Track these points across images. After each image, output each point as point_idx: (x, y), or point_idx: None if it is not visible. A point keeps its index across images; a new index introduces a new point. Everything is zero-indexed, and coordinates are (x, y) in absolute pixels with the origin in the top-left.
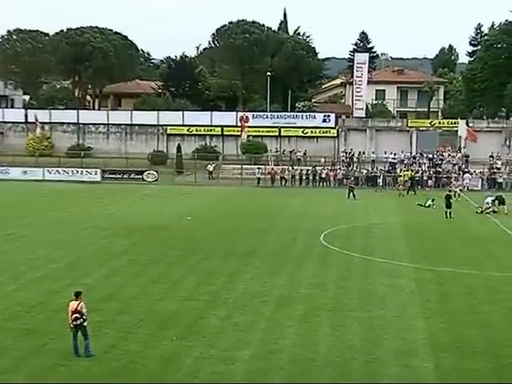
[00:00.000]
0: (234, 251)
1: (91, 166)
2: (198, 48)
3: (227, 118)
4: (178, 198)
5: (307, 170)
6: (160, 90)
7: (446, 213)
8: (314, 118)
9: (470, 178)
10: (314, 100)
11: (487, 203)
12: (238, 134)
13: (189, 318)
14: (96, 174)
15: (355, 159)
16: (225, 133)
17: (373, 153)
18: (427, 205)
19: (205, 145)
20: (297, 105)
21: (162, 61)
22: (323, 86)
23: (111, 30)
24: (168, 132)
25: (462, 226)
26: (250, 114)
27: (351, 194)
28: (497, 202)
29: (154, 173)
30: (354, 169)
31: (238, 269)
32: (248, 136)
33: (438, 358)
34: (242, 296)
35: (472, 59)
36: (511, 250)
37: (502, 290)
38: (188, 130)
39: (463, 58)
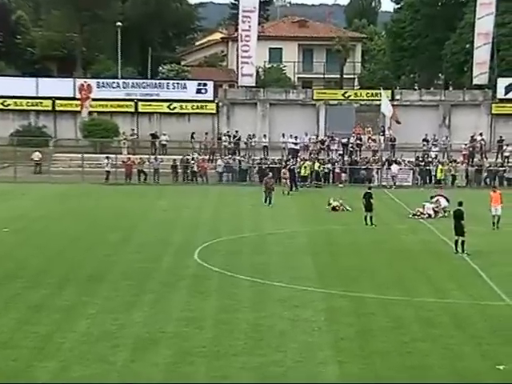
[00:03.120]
0: (73, 276)
1: None
2: None
3: (61, 86)
4: None
5: (175, 161)
6: None
7: (365, 218)
8: (185, 87)
9: (397, 171)
10: (184, 62)
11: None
12: (77, 109)
13: (5, 373)
14: None
15: (243, 145)
16: (57, 108)
17: (264, 136)
18: (334, 206)
19: (28, 125)
20: (160, 69)
21: None
22: (197, 43)
23: None
24: None
25: (387, 236)
26: (93, 82)
27: (269, 196)
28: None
29: None
30: (241, 158)
31: (78, 300)
32: (91, 113)
33: None
34: (84, 339)
35: (399, 6)
36: (449, 267)
37: (440, 321)
38: (3, 104)
39: (387, 5)
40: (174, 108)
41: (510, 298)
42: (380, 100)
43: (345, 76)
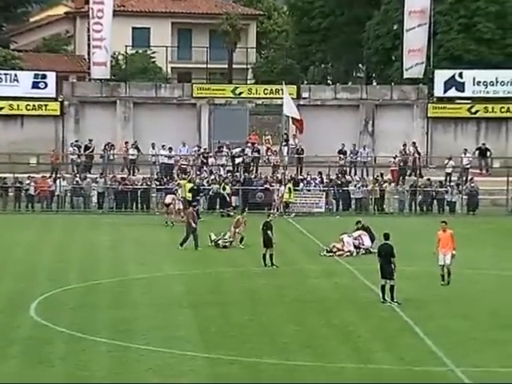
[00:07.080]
0: None
1: None
2: None
3: None
4: None
5: (3, 180)
6: None
7: (263, 256)
8: (16, 80)
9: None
10: (14, 46)
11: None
12: None
13: None
14: None
15: (98, 159)
16: None
17: (135, 146)
18: (217, 241)
19: None
20: None
21: None
22: (32, 20)
23: None
24: None
25: (292, 280)
26: None
27: (194, 235)
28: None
29: None
30: (96, 177)
31: None
32: None
33: None
34: None
35: None
36: (375, 321)
37: None
38: None
39: None
40: (1, 108)
41: (454, 362)
42: (282, 98)
43: (234, 66)
